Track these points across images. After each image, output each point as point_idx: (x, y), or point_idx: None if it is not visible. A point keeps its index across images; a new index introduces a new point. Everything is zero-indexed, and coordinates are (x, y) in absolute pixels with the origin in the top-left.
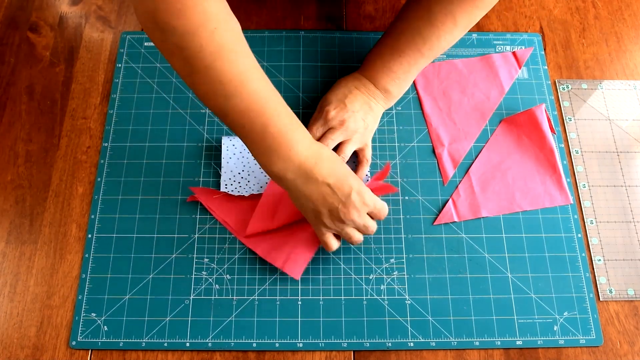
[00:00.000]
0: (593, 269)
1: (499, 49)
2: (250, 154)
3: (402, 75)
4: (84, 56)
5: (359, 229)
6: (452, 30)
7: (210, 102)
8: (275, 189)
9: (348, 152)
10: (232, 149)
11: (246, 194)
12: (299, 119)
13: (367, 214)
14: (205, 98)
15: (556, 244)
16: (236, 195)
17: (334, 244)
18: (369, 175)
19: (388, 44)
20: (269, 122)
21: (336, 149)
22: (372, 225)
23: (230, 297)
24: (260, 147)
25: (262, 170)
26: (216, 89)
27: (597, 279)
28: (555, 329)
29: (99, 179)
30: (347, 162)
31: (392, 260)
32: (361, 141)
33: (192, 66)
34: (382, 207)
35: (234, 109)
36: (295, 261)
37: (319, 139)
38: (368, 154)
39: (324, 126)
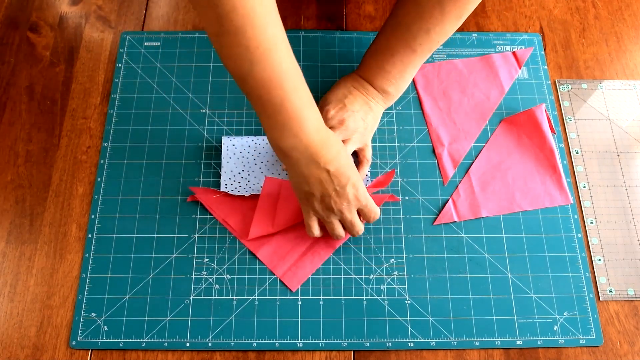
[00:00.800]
0: (593, 269)
1: (499, 49)
2: (250, 154)
3: (397, 75)
4: (84, 56)
5: (344, 224)
6: (441, 23)
7: (233, 67)
8: (272, 191)
9: (348, 151)
10: (232, 148)
11: (246, 194)
12: None
13: (358, 212)
14: (229, 61)
15: (556, 244)
16: (236, 195)
17: (316, 230)
18: (369, 175)
19: (381, 44)
20: (287, 96)
21: None
22: (358, 225)
23: (230, 297)
24: (273, 120)
25: (262, 170)
26: (242, 54)
27: (597, 279)
28: (555, 329)
29: (99, 179)
30: None
31: (392, 260)
32: (361, 141)
33: (221, 26)
34: (374, 208)
35: (256, 77)
36: (295, 274)
37: None
38: (368, 153)
39: None
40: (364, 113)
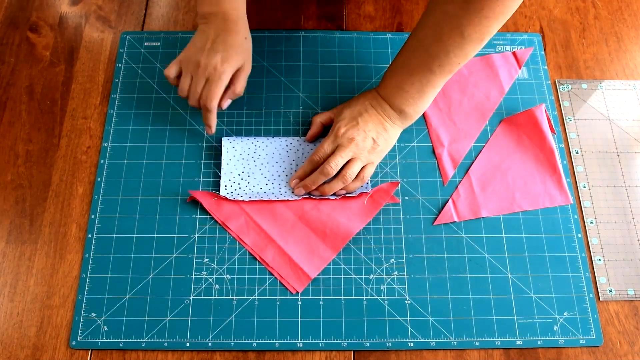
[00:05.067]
0: (593, 269)
1: (499, 49)
2: (250, 156)
3: (416, 95)
4: (84, 56)
5: (194, 78)
6: (461, 45)
7: None
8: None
9: (355, 169)
10: (232, 150)
11: (246, 199)
12: (299, 119)
13: (205, 84)
14: None
15: (556, 244)
16: (236, 198)
17: (171, 69)
18: (369, 183)
19: (399, 63)
20: None
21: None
22: (195, 91)
23: (230, 297)
24: None
25: (262, 172)
26: None
27: (597, 279)
28: (555, 329)
29: (99, 179)
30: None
31: (392, 260)
32: (367, 159)
33: None
34: (214, 86)
35: None
36: (298, 278)
37: (329, 155)
38: (367, 172)
39: (334, 142)
40: (376, 133)
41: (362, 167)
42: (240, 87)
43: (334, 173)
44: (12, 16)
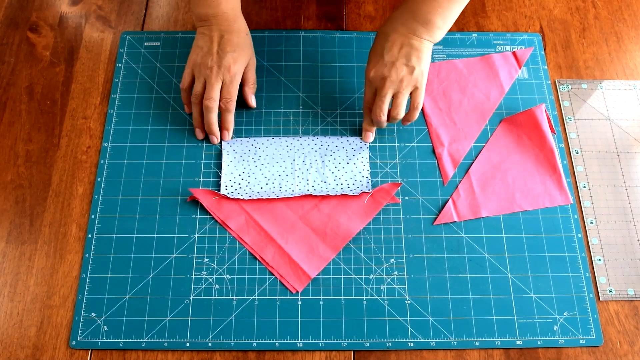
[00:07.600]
0: (593, 269)
1: (499, 49)
2: (250, 157)
3: (445, 4)
4: (84, 56)
5: (207, 86)
6: None
7: None
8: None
9: (401, 105)
10: (233, 153)
11: (247, 197)
12: (299, 119)
13: (222, 87)
14: None
15: (556, 244)
16: (236, 197)
17: (186, 81)
18: (369, 179)
19: None
20: None
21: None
22: (215, 93)
23: (230, 297)
24: None
25: (262, 172)
26: None
27: (597, 279)
28: (555, 329)
29: (99, 179)
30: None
31: (392, 260)
32: (410, 85)
33: None
34: (234, 88)
35: None
36: (298, 277)
37: (372, 105)
38: (417, 99)
39: (370, 88)
40: (405, 58)
41: (411, 96)
42: (252, 80)
43: (385, 117)
44: (12, 16)
